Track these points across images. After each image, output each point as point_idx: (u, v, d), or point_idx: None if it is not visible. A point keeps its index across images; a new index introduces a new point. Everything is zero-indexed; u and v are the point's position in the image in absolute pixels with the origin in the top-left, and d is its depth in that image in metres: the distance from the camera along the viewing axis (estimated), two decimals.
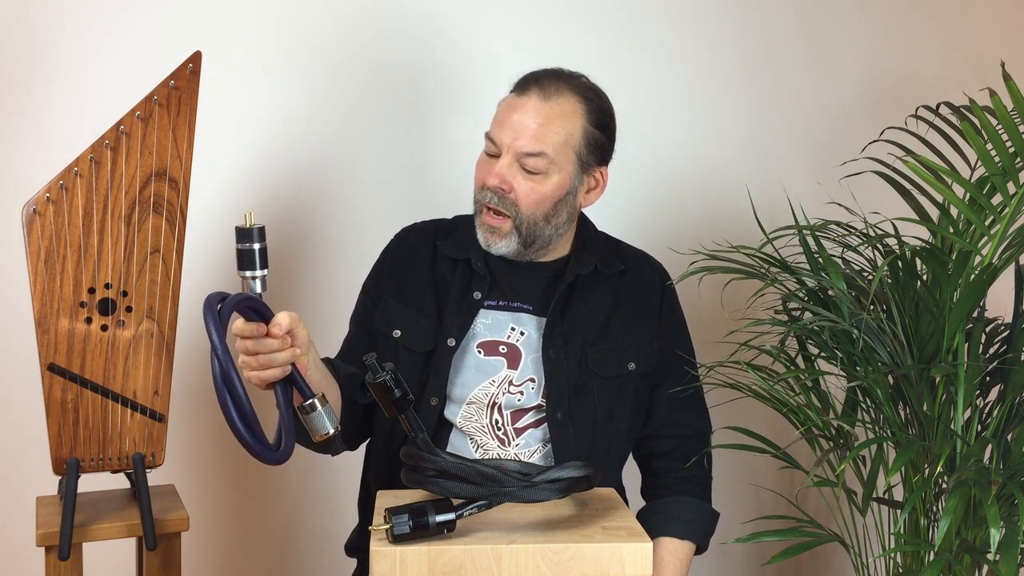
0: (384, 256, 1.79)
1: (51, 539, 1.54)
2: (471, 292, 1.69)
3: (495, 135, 1.64)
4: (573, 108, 1.64)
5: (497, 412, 1.66)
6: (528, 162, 1.61)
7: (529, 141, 1.61)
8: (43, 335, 1.58)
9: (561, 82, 1.65)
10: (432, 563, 1.23)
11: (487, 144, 1.66)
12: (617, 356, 1.70)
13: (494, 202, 1.63)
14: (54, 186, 1.57)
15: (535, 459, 1.66)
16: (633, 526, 1.31)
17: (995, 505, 1.48)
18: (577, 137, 1.64)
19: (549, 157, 1.61)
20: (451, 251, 1.73)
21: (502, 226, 1.64)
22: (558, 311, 1.68)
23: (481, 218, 1.66)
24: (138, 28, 2.10)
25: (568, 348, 1.66)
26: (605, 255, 1.75)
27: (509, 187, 1.62)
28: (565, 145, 1.63)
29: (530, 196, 1.62)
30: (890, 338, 1.73)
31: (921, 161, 1.71)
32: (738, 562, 2.48)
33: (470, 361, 1.67)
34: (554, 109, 1.62)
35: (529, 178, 1.62)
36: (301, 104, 2.20)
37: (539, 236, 1.66)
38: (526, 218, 1.63)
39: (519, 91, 1.66)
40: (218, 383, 1.28)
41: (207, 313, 1.28)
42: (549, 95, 1.63)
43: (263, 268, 1.40)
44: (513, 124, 1.62)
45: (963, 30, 2.48)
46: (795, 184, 2.33)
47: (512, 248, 1.66)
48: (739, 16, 2.38)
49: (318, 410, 1.38)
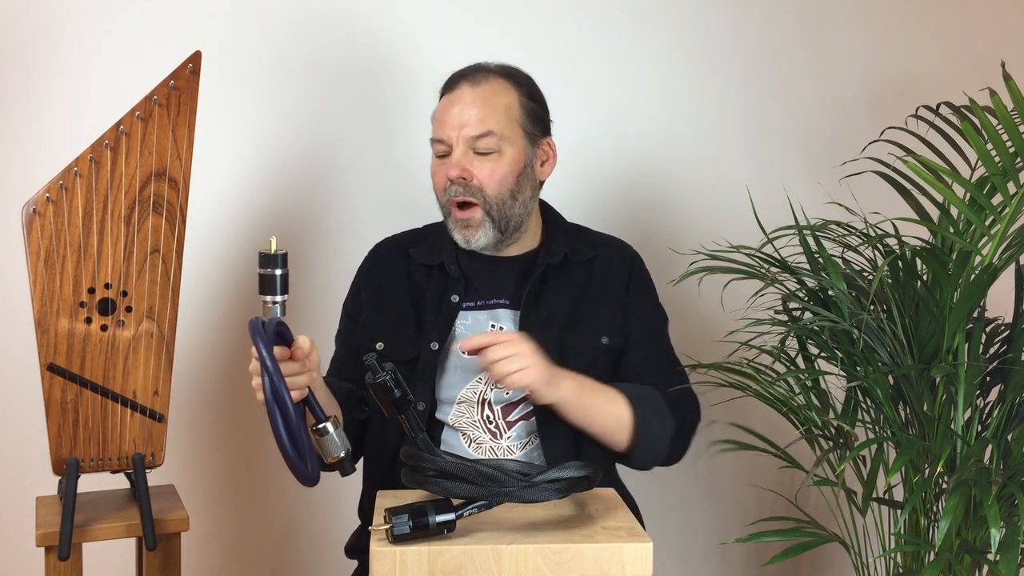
0: (359, 274, 1.82)
1: (51, 539, 1.54)
2: (448, 296, 1.71)
3: (440, 134, 1.69)
4: (503, 86, 1.70)
5: (488, 408, 1.68)
6: (480, 144, 1.66)
7: (474, 125, 1.66)
8: (43, 335, 1.58)
9: (483, 71, 1.72)
10: (432, 563, 1.23)
11: (435, 148, 1.71)
12: (590, 332, 1.72)
13: (460, 193, 1.66)
14: (54, 186, 1.56)
15: (528, 449, 1.67)
16: (633, 526, 1.31)
17: (995, 505, 1.48)
18: (516, 109, 1.70)
19: (497, 133, 1.66)
20: (424, 257, 1.76)
21: (473, 216, 1.67)
22: (532, 302, 1.70)
23: (452, 218, 1.69)
24: (138, 28, 2.10)
25: (546, 336, 1.67)
26: (574, 244, 1.77)
27: (470, 174, 1.66)
28: (507, 119, 1.68)
29: (492, 176, 1.67)
30: (890, 338, 1.73)
31: (921, 161, 1.71)
32: (738, 562, 2.48)
33: (455, 362, 1.69)
34: (487, 91, 1.68)
35: (485, 160, 1.67)
36: (301, 104, 2.20)
37: (511, 217, 1.69)
38: (494, 199, 1.67)
39: (448, 90, 1.71)
40: (268, 400, 1.32)
41: (255, 333, 1.32)
42: (478, 81, 1.69)
43: (284, 294, 1.43)
44: (453, 117, 1.67)
45: (963, 30, 2.48)
46: (795, 184, 2.33)
47: (490, 237, 1.69)
48: (739, 16, 2.38)
49: (331, 432, 1.42)
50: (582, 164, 2.27)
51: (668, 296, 1.88)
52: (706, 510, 2.45)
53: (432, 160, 1.72)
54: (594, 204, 2.31)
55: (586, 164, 2.29)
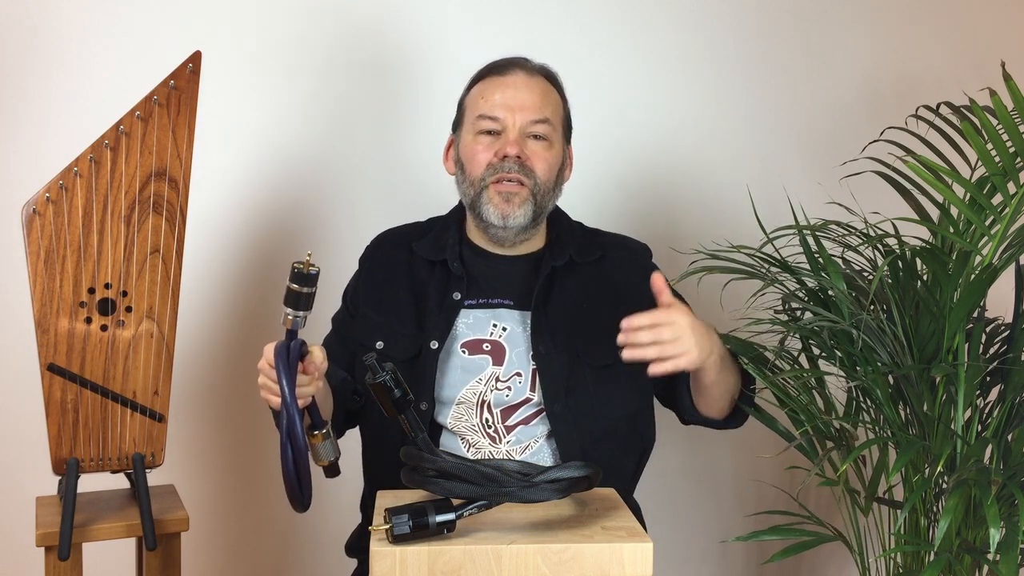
0: (361, 267, 1.81)
1: (51, 539, 1.54)
2: (450, 293, 1.71)
3: (492, 111, 1.68)
4: (550, 86, 1.73)
5: (487, 410, 1.67)
6: (537, 128, 1.68)
7: (534, 111, 1.67)
8: (43, 335, 1.58)
9: (531, 65, 1.73)
10: (432, 563, 1.23)
11: (483, 123, 1.69)
12: (606, 344, 1.70)
13: (514, 171, 1.66)
14: (54, 186, 1.56)
15: (527, 455, 1.67)
16: (633, 526, 1.31)
17: (995, 505, 1.48)
18: (561, 110, 1.73)
19: (552, 123, 1.69)
20: (427, 253, 1.75)
21: (520, 192, 1.67)
22: (540, 306, 1.69)
23: (492, 191, 1.67)
24: (138, 28, 2.10)
25: (556, 341, 1.67)
26: (581, 244, 1.77)
27: (525, 155, 1.67)
28: (556, 115, 1.71)
29: (545, 161, 1.68)
30: (890, 338, 1.73)
31: (921, 161, 1.71)
32: (739, 562, 2.48)
33: (455, 362, 1.68)
34: (541, 84, 1.71)
35: (539, 144, 1.68)
36: (301, 103, 2.20)
37: (545, 207, 1.71)
38: (542, 184, 1.68)
39: (499, 72, 1.71)
40: (283, 437, 1.38)
41: (281, 368, 1.37)
42: (532, 72, 1.71)
43: (307, 310, 1.43)
44: (510, 98, 1.68)
45: (963, 30, 2.48)
46: (795, 184, 2.33)
47: (527, 216, 1.68)
48: (739, 16, 2.38)
49: (326, 440, 1.47)
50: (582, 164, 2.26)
51: None
52: (707, 509, 2.46)
53: (467, 138, 1.70)
54: (594, 204, 2.31)
55: (586, 164, 2.28)
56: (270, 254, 2.22)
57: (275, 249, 2.22)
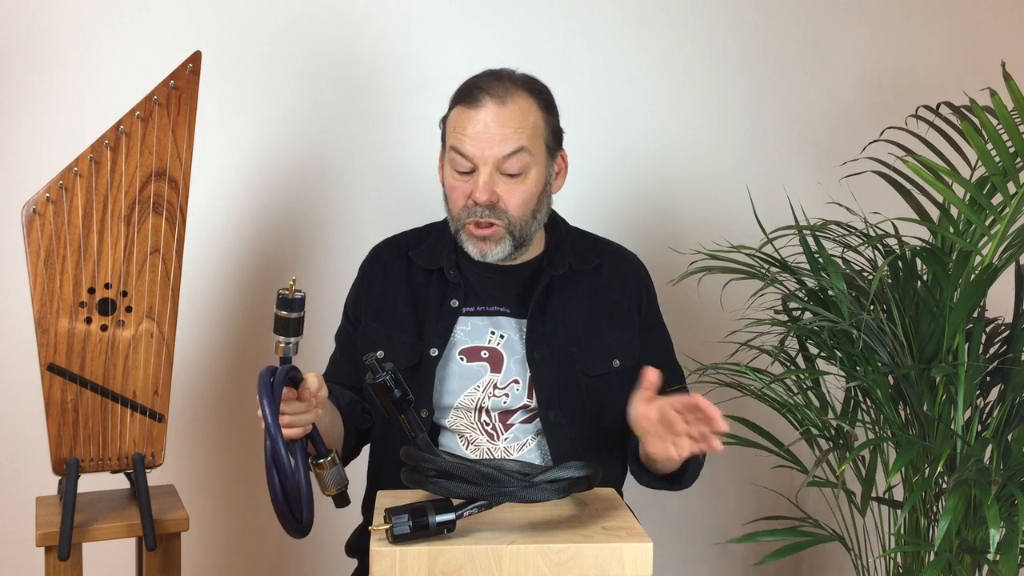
0: (360, 278, 1.80)
1: (51, 539, 1.54)
2: (448, 301, 1.70)
3: (463, 149, 1.62)
4: (528, 104, 1.64)
5: (485, 415, 1.67)
6: (509, 165, 1.61)
7: (506, 144, 1.61)
8: (43, 335, 1.58)
9: (506, 82, 1.64)
10: (432, 563, 1.23)
11: (454, 159, 1.64)
12: (601, 354, 1.70)
13: (485, 215, 1.63)
14: (54, 186, 1.56)
15: (525, 451, 1.67)
16: (633, 526, 1.31)
17: (995, 505, 1.48)
18: (541, 128, 1.65)
19: (528, 149, 1.62)
20: (424, 261, 1.74)
21: (494, 233, 1.64)
22: (537, 314, 1.69)
23: (467, 232, 1.66)
24: (138, 28, 2.10)
25: (551, 349, 1.67)
26: (579, 252, 1.75)
27: (497, 198, 1.63)
28: (533, 139, 1.64)
29: (518, 199, 1.63)
30: (890, 338, 1.73)
31: (921, 161, 1.71)
32: (737, 563, 2.48)
33: (454, 369, 1.68)
34: (514, 111, 1.62)
35: (511, 181, 1.63)
36: (301, 104, 2.20)
37: (528, 235, 1.68)
38: (517, 220, 1.64)
39: (469, 103, 1.63)
40: (268, 462, 1.38)
41: (263, 392, 1.35)
42: (504, 99, 1.62)
43: (298, 335, 1.43)
44: (481, 136, 1.61)
45: (963, 30, 2.48)
46: (795, 184, 2.33)
47: (506, 251, 1.66)
48: (739, 17, 2.38)
49: (330, 469, 1.47)
50: (582, 164, 2.26)
51: (668, 296, 1.88)
52: (706, 511, 2.46)
53: (447, 170, 1.67)
54: (594, 204, 2.31)
55: (586, 164, 2.29)
56: (270, 254, 2.22)
57: (275, 249, 2.22)
